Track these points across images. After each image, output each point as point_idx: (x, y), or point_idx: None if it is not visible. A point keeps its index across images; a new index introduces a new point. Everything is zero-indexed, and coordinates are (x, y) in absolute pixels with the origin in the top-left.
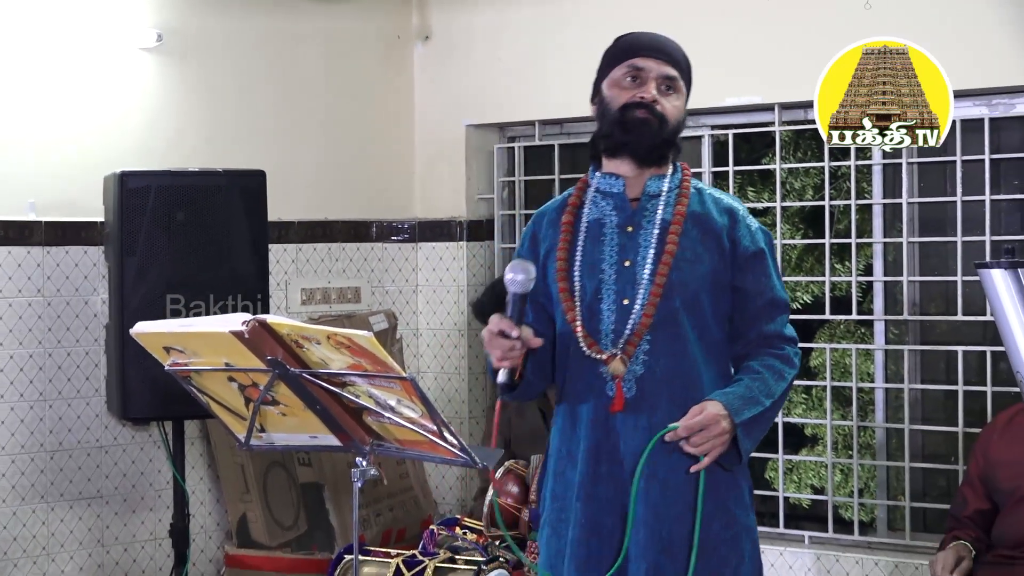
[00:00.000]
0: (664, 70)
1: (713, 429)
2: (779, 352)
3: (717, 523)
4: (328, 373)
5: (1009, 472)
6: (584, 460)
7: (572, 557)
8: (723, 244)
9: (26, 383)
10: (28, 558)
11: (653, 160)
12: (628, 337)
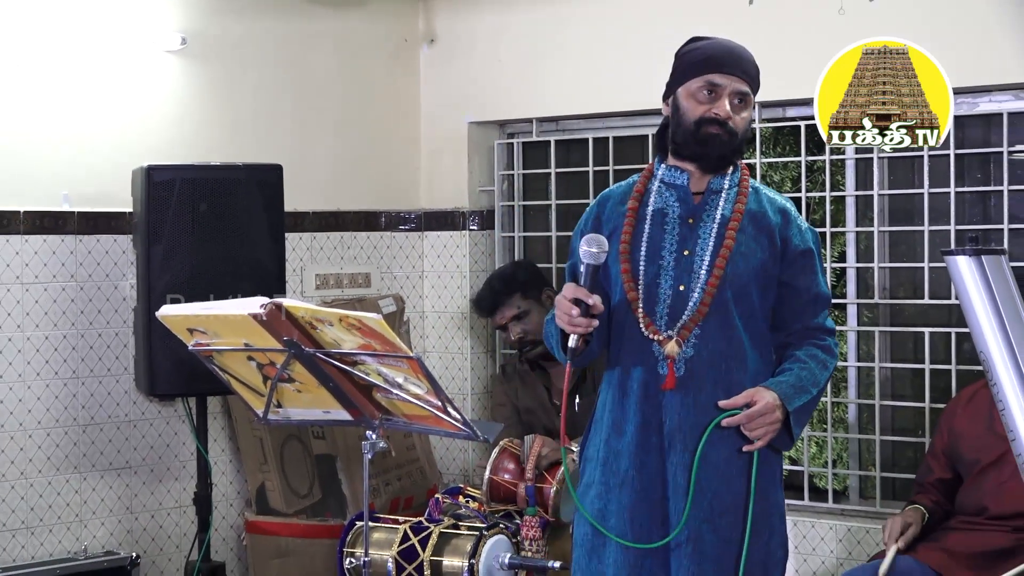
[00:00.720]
0: (738, 87)
1: (769, 417)
2: (822, 343)
3: (756, 501)
4: (340, 353)
5: (971, 444)
6: (634, 432)
7: (621, 518)
8: (775, 241)
9: (60, 362)
10: (62, 524)
11: (722, 168)
12: (684, 322)
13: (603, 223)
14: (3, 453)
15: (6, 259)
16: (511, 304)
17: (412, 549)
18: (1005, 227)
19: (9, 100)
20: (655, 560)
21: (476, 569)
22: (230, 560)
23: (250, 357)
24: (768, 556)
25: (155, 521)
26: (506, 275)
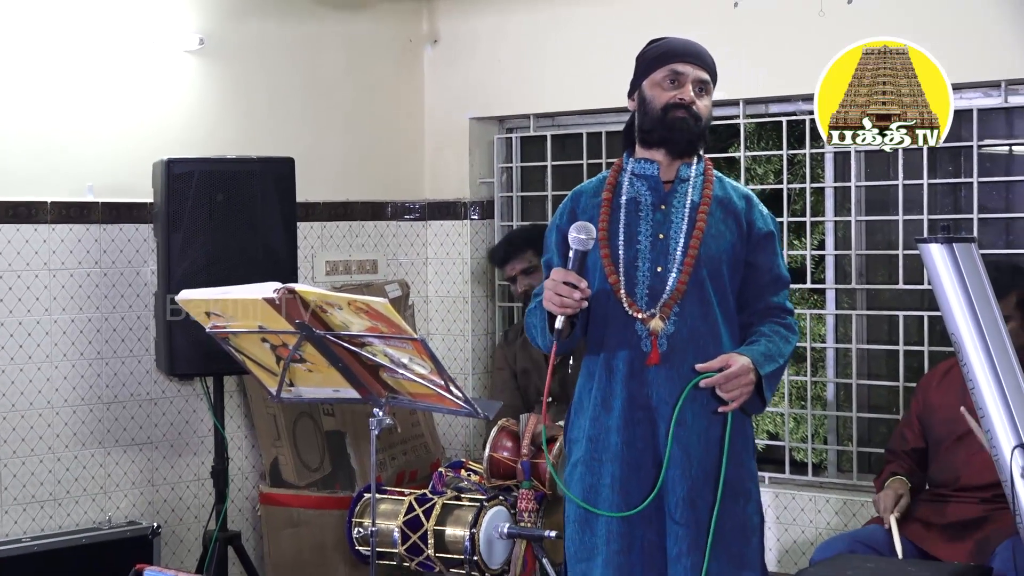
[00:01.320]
0: (699, 74)
1: (743, 379)
2: (783, 321)
3: (732, 467)
4: (349, 335)
5: (943, 417)
6: (621, 407)
7: (613, 490)
8: (742, 224)
9: (86, 344)
10: (88, 495)
11: (688, 153)
12: (665, 300)
13: (579, 216)
14: (32, 429)
15: (34, 247)
16: (523, 258)
17: (417, 519)
18: (975, 217)
19: (37, 97)
20: (650, 529)
21: (477, 538)
22: (245, 530)
23: (264, 339)
24: (746, 520)
25: (175, 493)
26: (524, 231)
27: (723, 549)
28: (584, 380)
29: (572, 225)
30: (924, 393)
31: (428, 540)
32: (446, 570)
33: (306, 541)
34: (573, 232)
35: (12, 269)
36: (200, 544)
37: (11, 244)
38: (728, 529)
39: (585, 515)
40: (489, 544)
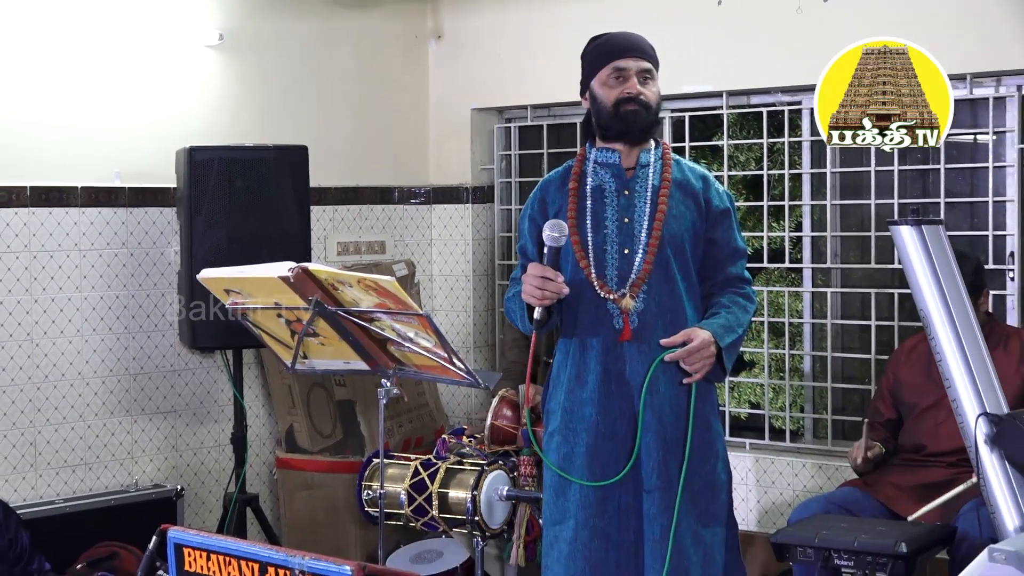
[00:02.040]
0: (641, 65)
1: (705, 352)
2: (741, 291)
3: (699, 430)
4: (359, 310)
5: (911, 390)
6: (596, 380)
7: (589, 458)
8: (700, 203)
9: (114, 319)
10: (116, 460)
11: (645, 140)
12: (634, 280)
13: (548, 204)
14: (64, 399)
15: (66, 229)
16: None
17: (422, 482)
18: (942, 201)
19: (68, 90)
20: (626, 492)
21: (478, 500)
22: (263, 492)
23: (279, 314)
24: (715, 478)
25: (197, 458)
26: None
27: (692, 506)
28: (560, 357)
29: (546, 224)
30: (893, 369)
31: (432, 502)
32: (449, 530)
33: (319, 503)
34: (547, 231)
35: (45, 250)
36: (221, 506)
37: (44, 226)
38: (698, 488)
39: (561, 482)
40: (489, 505)
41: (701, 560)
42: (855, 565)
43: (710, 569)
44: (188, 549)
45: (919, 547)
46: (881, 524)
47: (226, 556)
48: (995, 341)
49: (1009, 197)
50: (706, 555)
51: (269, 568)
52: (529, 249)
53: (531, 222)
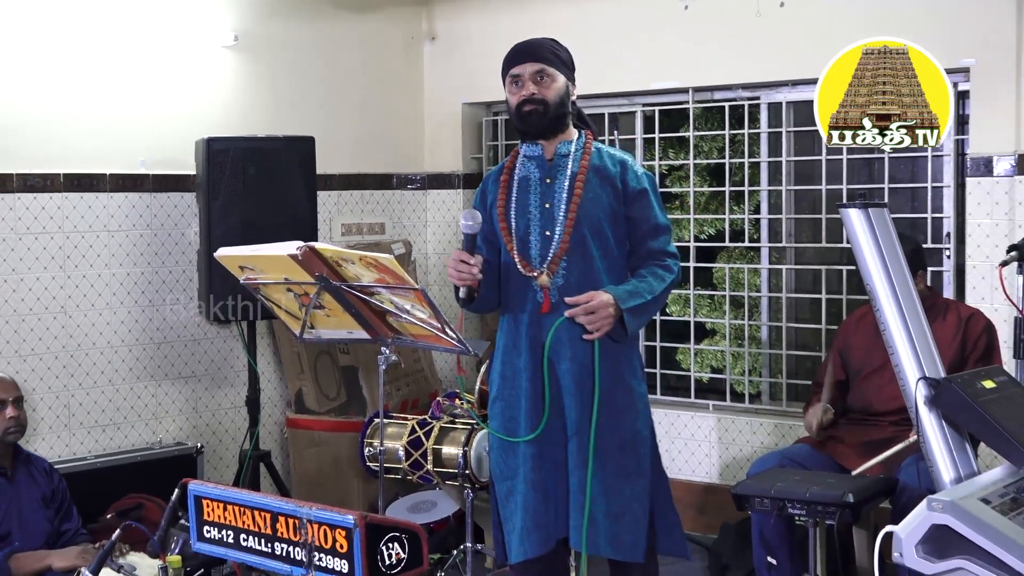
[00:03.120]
0: (534, 68)
1: (602, 312)
2: (661, 263)
3: (619, 391)
4: (360, 285)
5: (858, 355)
6: (526, 349)
7: (527, 419)
8: (616, 186)
9: (139, 293)
10: (142, 421)
11: (551, 134)
12: (551, 258)
13: (488, 195)
14: (95, 365)
15: (96, 212)
16: None
17: (418, 440)
18: (886, 186)
19: (97, 86)
20: (559, 449)
21: (469, 455)
22: (274, 449)
23: (289, 289)
24: (635, 434)
25: (215, 418)
26: None
27: (610, 460)
28: (499, 331)
29: (462, 213)
30: (844, 335)
31: (427, 457)
32: (442, 482)
33: (325, 458)
34: (461, 220)
35: (77, 231)
36: (236, 461)
37: (76, 210)
38: (615, 444)
39: (504, 443)
40: (479, 460)
41: (618, 510)
42: (807, 513)
43: (626, 518)
44: (207, 500)
45: (864, 497)
46: (830, 477)
47: (241, 507)
48: (935, 313)
49: (946, 183)
50: (625, 506)
51: (280, 517)
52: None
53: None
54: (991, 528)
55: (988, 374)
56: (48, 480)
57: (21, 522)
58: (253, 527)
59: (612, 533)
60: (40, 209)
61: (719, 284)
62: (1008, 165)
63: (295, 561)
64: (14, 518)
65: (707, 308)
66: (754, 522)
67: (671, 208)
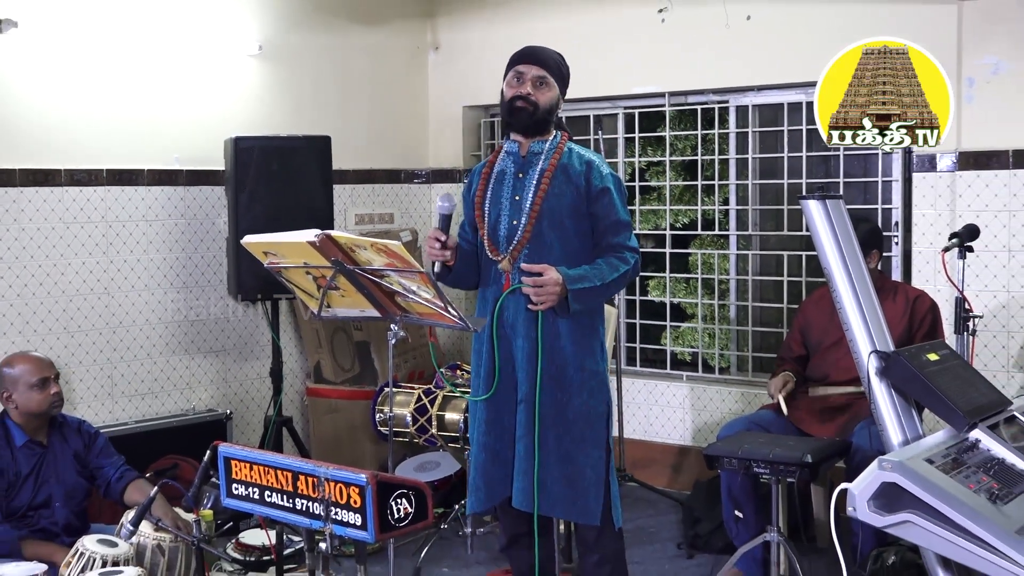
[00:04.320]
0: (536, 72)
1: (549, 288)
2: (619, 255)
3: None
4: (372, 269)
5: (817, 331)
6: (490, 325)
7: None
8: (580, 184)
9: (174, 276)
10: (177, 390)
11: (534, 133)
12: (514, 245)
13: (473, 185)
14: (135, 341)
15: (135, 203)
16: None
17: (424, 407)
18: (841, 181)
19: (137, 91)
20: (510, 417)
21: (469, 421)
22: (295, 415)
23: (308, 272)
24: (590, 411)
25: (243, 388)
26: None
27: (566, 431)
28: (477, 307)
29: (440, 195)
30: (804, 313)
31: (432, 422)
32: (445, 444)
33: (341, 423)
34: (438, 201)
35: (119, 220)
36: (262, 426)
37: (117, 201)
38: (572, 417)
39: (472, 406)
40: None
41: (565, 476)
42: (770, 472)
43: (579, 484)
44: (235, 461)
45: (821, 458)
46: (791, 439)
47: (265, 466)
48: (885, 294)
49: (894, 177)
50: (573, 472)
51: (300, 476)
52: (464, 224)
53: (463, 200)
54: (935, 485)
55: (932, 348)
56: (79, 437)
57: (61, 482)
58: (276, 485)
59: (565, 496)
60: (85, 201)
61: (692, 268)
62: (949, 162)
63: (314, 515)
64: (54, 481)
65: (683, 291)
66: (723, 480)
67: (649, 199)
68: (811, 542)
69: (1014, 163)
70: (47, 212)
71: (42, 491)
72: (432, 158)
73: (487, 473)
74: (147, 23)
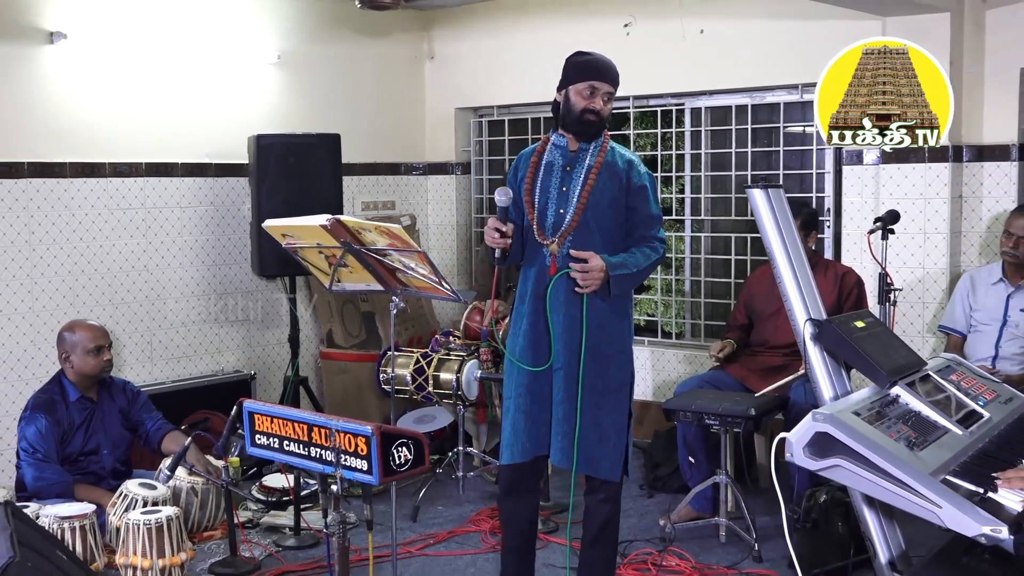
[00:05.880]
0: (608, 88)
1: (595, 273)
2: (650, 244)
3: (606, 345)
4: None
5: (760, 302)
6: (530, 300)
7: (522, 353)
8: (622, 180)
9: (205, 255)
10: (208, 354)
11: (592, 140)
12: (562, 231)
13: (519, 170)
14: (171, 311)
15: (171, 192)
16: None
17: (421, 368)
18: (781, 172)
19: (172, 95)
20: (546, 383)
21: (460, 380)
22: (311, 375)
23: (320, 251)
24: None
25: (265, 352)
26: None
27: (599, 399)
28: (520, 280)
29: (497, 190)
30: (748, 287)
31: (428, 381)
32: (440, 401)
33: (350, 382)
34: (497, 195)
35: (156, 207)
36: (281, 385)
37: (155, 191)
38: (604, 388)
39: (509, 366)
40: (468, 384)
41: (596, 438)
42: (719, 423)
43: (603, 445)
44: (258, 415)
45: (763, 411)
46: (737, 395)
47: (284, 420)
48: (818, 270)
49: (827, 170)
50: (601, 435)
51: (314, 428)
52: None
53: (508, 183)
54: (861, 434)
55: (859, 316)
56: (124, 395)
57: (107, 433)
58: (294, 435)
59: (592, 457)
60: (127, 190)
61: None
62: (874, 156)
63: (326, 461)
64: (101, 432)
65: None
66: (679, 430)
67: None
68: (754, 483)
69: (929, 158)
70: (94, 200)
71: (91, 440)
72: (428, 153)
73: (523, 432)
74: (180, 35)
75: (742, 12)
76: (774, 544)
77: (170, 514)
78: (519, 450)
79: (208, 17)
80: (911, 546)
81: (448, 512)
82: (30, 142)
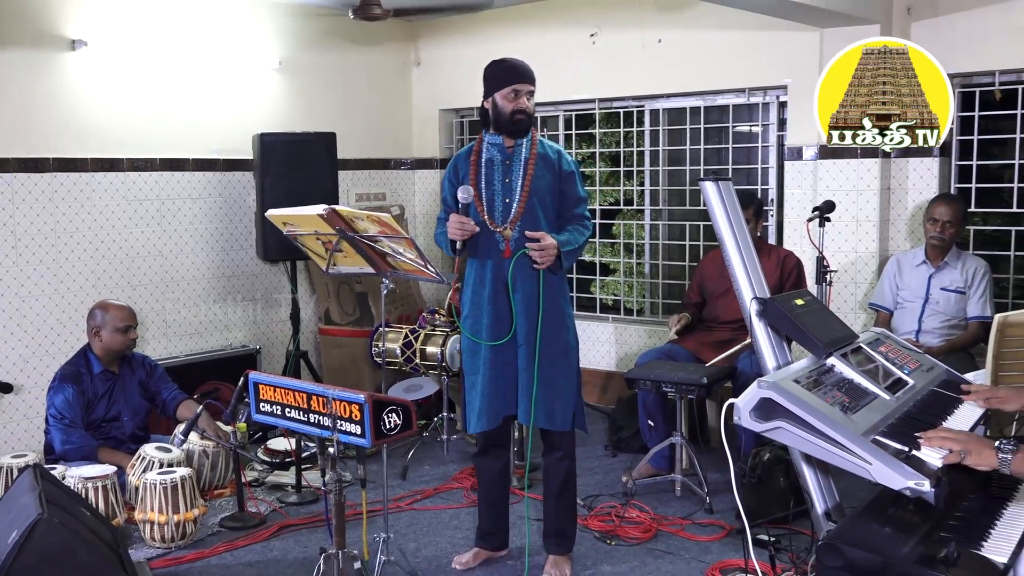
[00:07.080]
0: (529, 88)
1: (550, 251)
2: (581, 223)
3: (555, 314)
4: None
5: (711, 282)
6: (490, 283)
7: (488, 331)
8: (555, 168)
9: (214, 242)
10: (217, 331)
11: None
12: (512, 218)
13: (459, 171)
14: (184, 292)
15: (183, 185)
16: None
17: (410, 342)
18: (730, 167)
19: (183, 96)
20: (510, 353)
21: (445, 353)
22: (311, 349)
23: (318, 238)
24: (566, 344)
25: (269, 329)
26: None
27: (550, 361)
28: (470, 270)
29: (459, 188)
30: (702, 269)
31: (416, 354)
32: (426, 371)
33: (346, 355)
34: (460, 193)
35: (170, 199)
36: (284, 358)
37: (168, 184)
38: (554, 350)
39: (472, 345)
40: (451, 357)
41: (552, 396)
42: (675, 391)
43: (558, 402)
44: (263, 386)
45: (714, 380)
46: (691, 366)
47: (286, 389)
48: (763, 254)
49: (771, 165)
50: (557, 393)
51: (313, 396)
52: (448, 200)
53: (448, 183)
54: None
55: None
56: (142, 368)
57: (128, 403)
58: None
59: (549, 411)
60: (143, 183)
61: (616, 235)
62: (812, 152)
63: (324, 427)
64: (122, 402)
65: (609, 253)
66: (640, 397)
67: (584, 184)
68: (706, 444)
69: (861, 154)
70: (112, 192)
71: (113, 408)
72: (415, 149)
73: (492, 399)
74: (191, 43)
75: (696, 24)
76: (723, 497)
77: (184, 474)
78: (490, 416)
79: (216, 27)
80: (844, 498)
81: (434, 471)
82: (54, 140)
